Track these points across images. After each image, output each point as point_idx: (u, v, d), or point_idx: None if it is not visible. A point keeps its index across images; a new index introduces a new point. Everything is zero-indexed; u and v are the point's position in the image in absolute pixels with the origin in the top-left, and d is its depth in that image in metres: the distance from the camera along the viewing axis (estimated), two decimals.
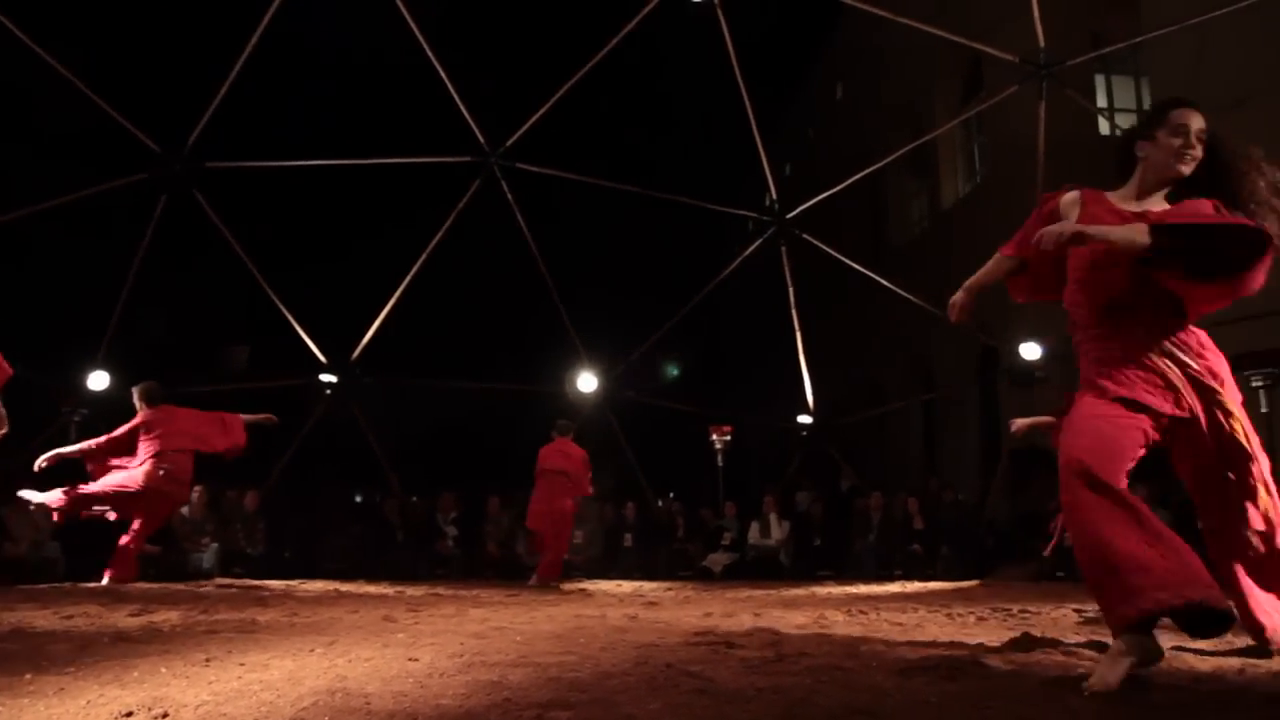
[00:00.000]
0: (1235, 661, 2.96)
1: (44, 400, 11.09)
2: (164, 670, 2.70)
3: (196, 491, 9.96)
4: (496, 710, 2.09)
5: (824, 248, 11.95)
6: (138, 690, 2.33)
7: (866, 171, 11.96)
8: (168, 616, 4.50)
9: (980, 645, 3.39)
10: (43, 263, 13.47)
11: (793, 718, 2.02)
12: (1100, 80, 13.76)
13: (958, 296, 3.70)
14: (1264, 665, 2.87)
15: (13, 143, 13.12)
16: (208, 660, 2.91)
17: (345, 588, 7.71)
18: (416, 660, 2.94)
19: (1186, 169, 3.02)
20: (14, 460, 10.73)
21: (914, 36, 14.77)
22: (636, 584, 8.58)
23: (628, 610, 5.34)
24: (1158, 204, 3.08)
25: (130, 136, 10.01)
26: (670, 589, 8.17)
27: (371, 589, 7.56)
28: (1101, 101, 13.58)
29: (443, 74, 10.37)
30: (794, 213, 12.21)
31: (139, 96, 10.67)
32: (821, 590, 7.91)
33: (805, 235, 12.19)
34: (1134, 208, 3.07)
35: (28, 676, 2.55)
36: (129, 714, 2.00)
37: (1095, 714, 2.13)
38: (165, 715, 1.98)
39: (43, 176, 11.03)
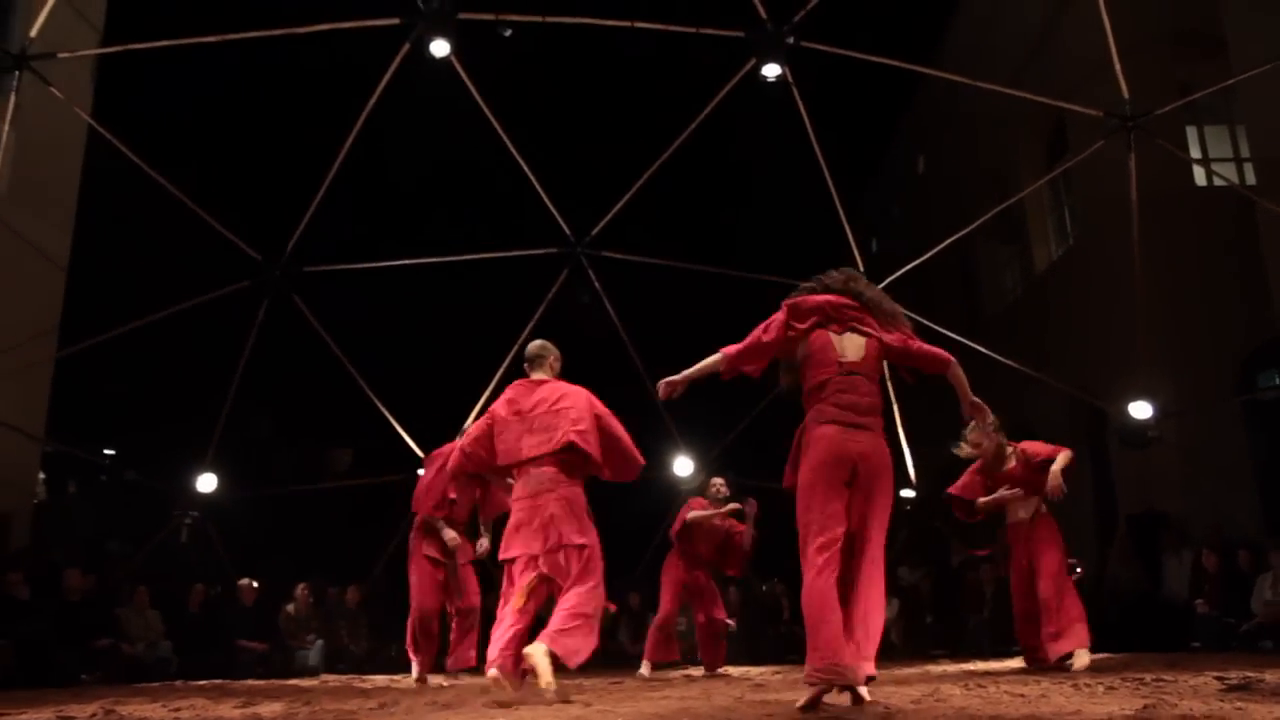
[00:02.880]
0: None
1: (156, 503, 11.45)
2: None
3: (301, 589, 10.10)
4: None
5: (917, 318, 11.72)
6: None
7: (953, 239, 11.77)
8: (272, 709, 4.50)
9: (1113, 713, 3.15)
10: (151, 371, 14.07)
11: None
12: (1192, 132, 13.39)
13: (675, 378, 4.34)
14: None
15: (127, 258, 13.85)
16: None
17: (447, 680, 7.65)
18: None
19: None
20: (129, 564, 11.10)
21: (994, 103, 14.66)
22: (742, 668, 8.33)
23: (733, 692, 5.16)
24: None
25: (233, 246, 10.47)
26: (778, 672, 7.90)
27: (474, 680, 7.48)
28: (1195, 153, 13.20)
29: (525, 168, 10.63)
30: (883, 284, 12.05)
31: (240, 208, 11.20)
32: (935, 668, 7.56)
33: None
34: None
35: None
36: None
37: None
38: None
39: (154, 288, 11.58)
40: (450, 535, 7.04)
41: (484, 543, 7.16)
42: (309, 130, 12.63)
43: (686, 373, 4.39)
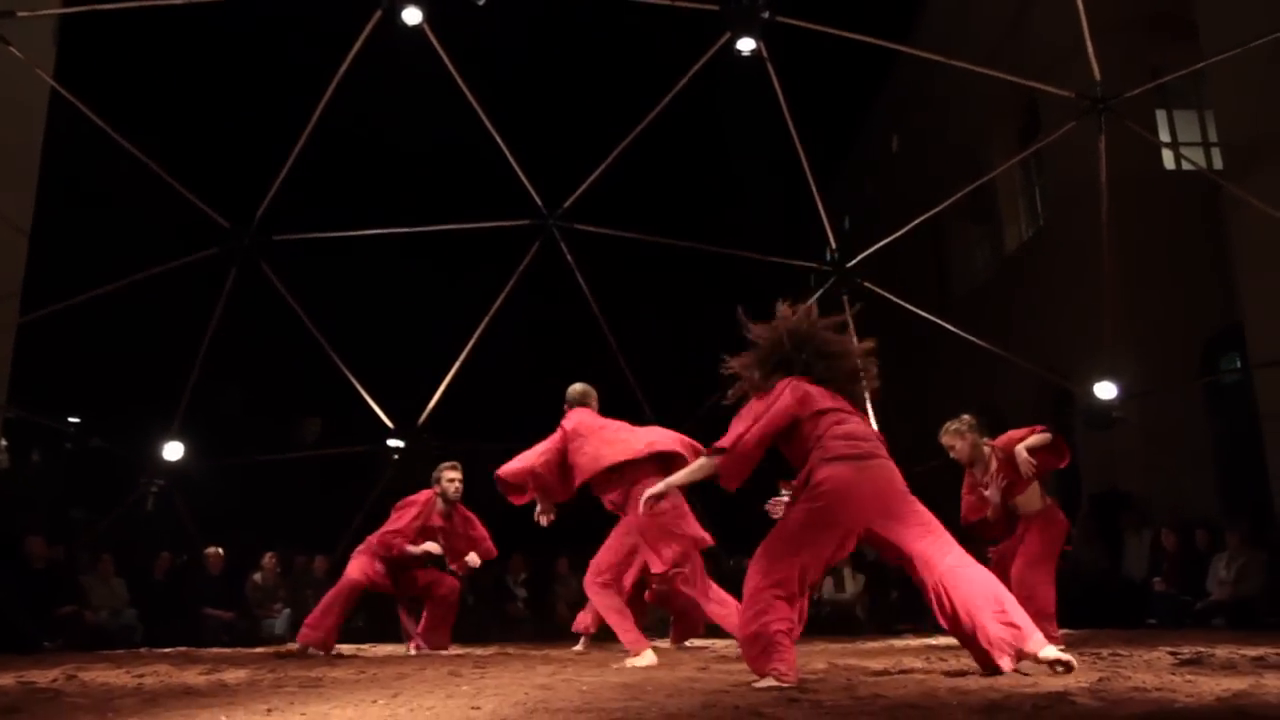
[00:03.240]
0: None
1: (122, 471, 11.36)
2: (224, 719, 2.67)
3: (268, 558, 10.06)
4: None
5: (886, 294, 11.79)
6: None
7: (925, 217, 11.83)
8: (237, 675, 4.50)
9: (1069, 686, 3.22)
10: (119, 338, 13.91)
11: None
12: (1162, 116, 13.51)
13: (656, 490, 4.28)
14: None
15: (91, 224, 13.65)
16: (269, 710, 2.88)
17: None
18: (479, 709, 2.88)
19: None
20: (94, 531, 11.01)
21: (968, 83, 14.69)
22: (708, 641, 8.39)
23: (699, 664, 5.21)
24: None
25: (201, 213, 10.34)
26: None
27: (441, 650, 7.51)
28: (1165, 137, 13.32)
29: (498, 139, 10.55)
30: (854, 261, 12.11)
31: (208, 175, 11.05)
32: (899, 642, 7.67)
33: (867, 284, 12.08)
34: None
35: None
36: None
37: None
38: None
39: (119, 254, 11.42)
40: (429, 546, 7.24)
41: (474, 558, 7.39)
42: (279, 97, 12.49)
43: (671, 480, 4.26)
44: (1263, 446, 10.42)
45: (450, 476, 7.28)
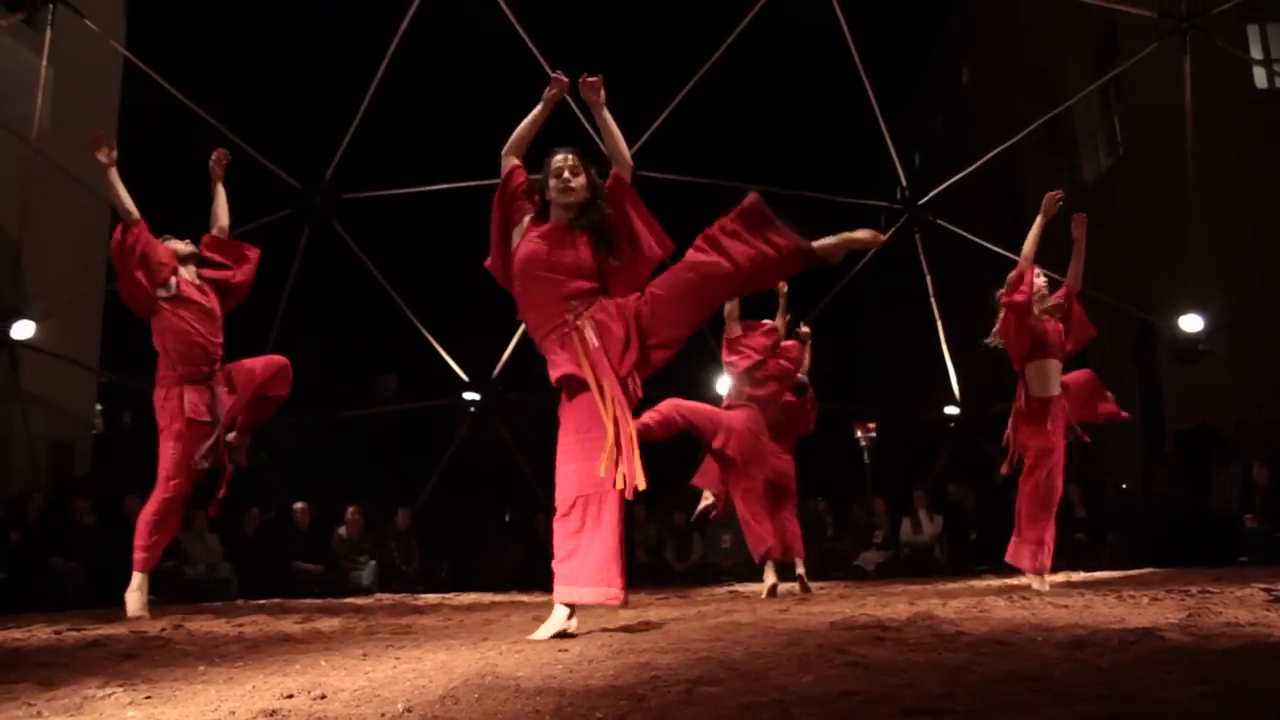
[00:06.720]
0: None
1: None
2: (324, 663, 2.78)
3: (352, 511, 10.31)
4: (645, 687, 2.06)
5: (960, 231, 11.58)
6: (299, 678, 2.41)
7: (997, 151, 11.54)
8: (330, 624, 4.66)
9: (1157, 622, 3.17)
10: None
11: (954, 684, 1.92)
12: (1254, 31, 12.86)
13: None
14: None
15: (168, 189, 13.93)
16: (365, 655, 2.98)
17: (499, 598, 7.85)
18: (566, 650, 2.95)
19: (565, 203, 3.66)
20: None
21: (1041, 8, 14.21)
22: (788, 584, 8.43)
23: (780, 606, 5.26)
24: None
25: (272, 175, 10.51)
26: (823, 588, 8.01)
27: (525, 598, 7.68)
28: (1256, 53, 12.70)
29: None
30: (926, 198, 11.89)
31: (278, 137, 11.20)
32: (980, 583, 7.62)
33: (940, 221, 11.86)
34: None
35: (201, 669, 2.67)
36: (290, 695, 2.06)
37: None
38: (323, 696, 2.03)
39: (196, 218, 11.66)
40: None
41: None
42: (344, 55, 12.57)
43: None
44: None
45: None
